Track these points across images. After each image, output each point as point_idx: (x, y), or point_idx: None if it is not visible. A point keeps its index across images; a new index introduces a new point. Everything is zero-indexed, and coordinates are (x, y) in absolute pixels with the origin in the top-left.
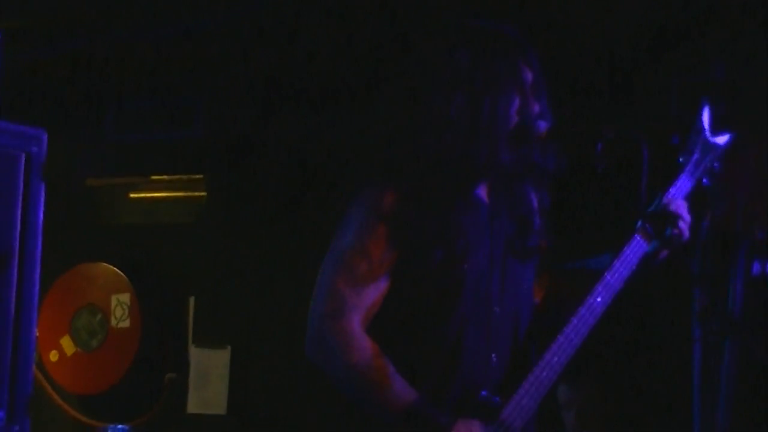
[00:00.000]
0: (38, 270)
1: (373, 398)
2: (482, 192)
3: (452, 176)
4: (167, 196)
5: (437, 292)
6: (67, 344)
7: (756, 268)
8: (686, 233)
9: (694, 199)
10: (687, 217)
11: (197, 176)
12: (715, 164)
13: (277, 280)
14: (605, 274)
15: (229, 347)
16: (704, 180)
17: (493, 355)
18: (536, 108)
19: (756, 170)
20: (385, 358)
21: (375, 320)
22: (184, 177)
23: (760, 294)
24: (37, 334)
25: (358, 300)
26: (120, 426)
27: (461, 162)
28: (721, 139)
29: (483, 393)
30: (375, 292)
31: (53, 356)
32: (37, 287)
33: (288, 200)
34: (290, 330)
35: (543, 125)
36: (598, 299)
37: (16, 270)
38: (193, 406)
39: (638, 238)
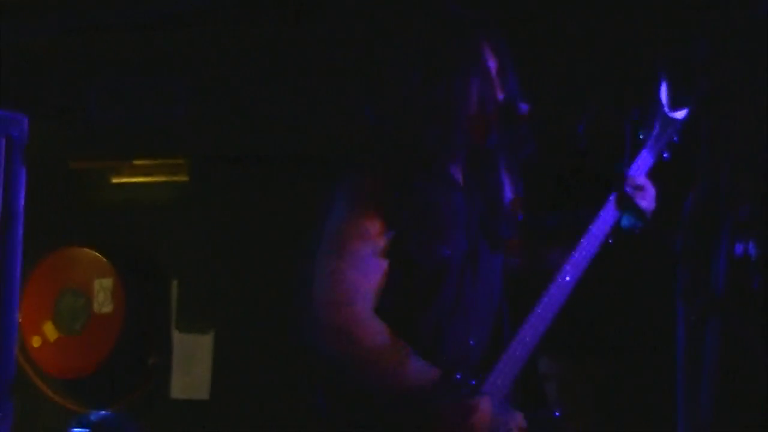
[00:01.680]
0: (20, 255)
1: (396, 378)
2: (456, 173)
3: (414, 158)
4: (150, 181)
5: (421, 277)
6: (49, 329)
7: (739, 247)
8: (652, 203)
9: (658, 172)
10: (650, 190)
11: (180, 160)
12: (675, 138)
13: (260, 265)
14: (573, 252)
15: (212, 332)
16: (665, 154)
17: (470, 338)
18: (500, 94)
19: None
20: (400, 340)
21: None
22: (167, 161)
23: (742, 273)
24: (20, 319)
25: (367, 282)
26: (103, 411)
27: (418, 143)
28: (680, 114)
29: (458, 376)
30: (381, 272)
31: (36, 341)
32: (19, 272)
33: (272, 184)
34: (274, 314)
35: (524, 107)
36: (567, 278)
37: None
38: (176, 391)
39: (602, 214)
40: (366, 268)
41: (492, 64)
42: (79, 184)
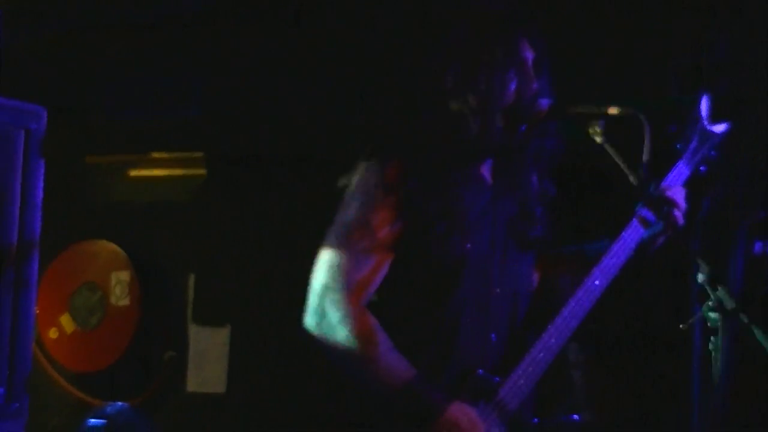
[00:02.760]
0: (37, 247)
1: (369, 373)
2: (486, 172)
3: (450, 151)
4: (167, 174)
5: (439, 270)
6: (66, 322)
7: (758, 247)
8: (681, 220)
9: (691, 185)
10: (683, 204)
11: (197, 154)
12: (713, 152)
13: (276, 259)
14: (603, 257)
15: (228, 325)
16: (701, 168)
17: (492, 335)
18: (536, 87)
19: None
20: (383, 333)
21: (378, 296)
22: (184, 155)
23: (760, 273)
24: (37, 312)
25: (358, 274)
26: (119, 403)
27: (457, 137)
28: (719, 128)
29: (480, 372)
30: (375, 268)
31: (52, 333)
32: (37, 265)
33: (288, 178)
34: (289, 308)
35: (544, 103)
36: (596, 282)
37: (15, 247)
38: (192, 385)
39: (636, 222)
40: (362, 261)
41: (529, 57)
42: (96, 178)
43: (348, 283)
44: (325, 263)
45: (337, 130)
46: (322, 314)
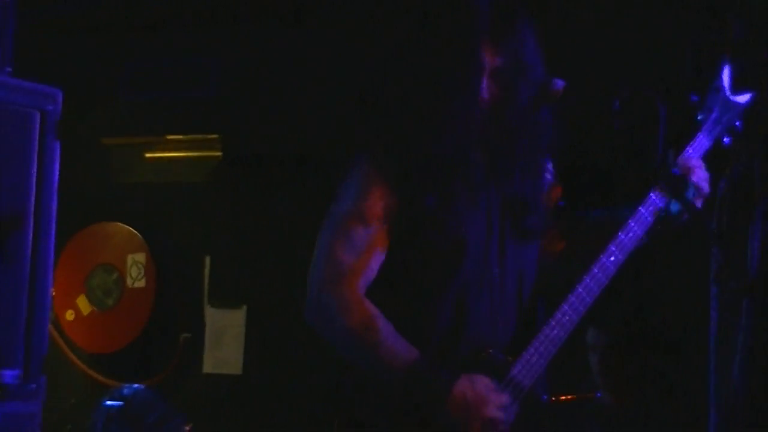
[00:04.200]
0: (54, 229)
1: (372, 359)
2: (480, 158)
3: (448, 137)
4: (183, 156)
5: (438, 256)
6: (83, 303)
7: None
8: (706, 188)
9: (713, 156)
10: (705, 174)
11: (213, 136)
12: (737, 123)
13: (292, 240)
14: (619, 232)
15: (244, 307)
16: (725, 139)
17: (499, 316)
18: (535, 70)
19: None
20: (384, 319)
21: (377, 285)
22: (200, 136)
23: None
24: (53, 293)
25: (356, 264)
26: (135, 385)
27: (455, 122)
28: (742, 98)
29: (490, 351)
30: (371, 254)
31: (69, 315)
32: (53, 246)
33: (303, 159)
34: (305, 289)
35: (559, 83)
36: (611, 258)
37: (31, 229)
38: (208, 366)
39: (653, 196)
40: (357, 248)
41: (524, 40)
42: (112, 159)
43: (345, 272)
44: (321, 254)
45: (352, 112)
46: (320, 306)
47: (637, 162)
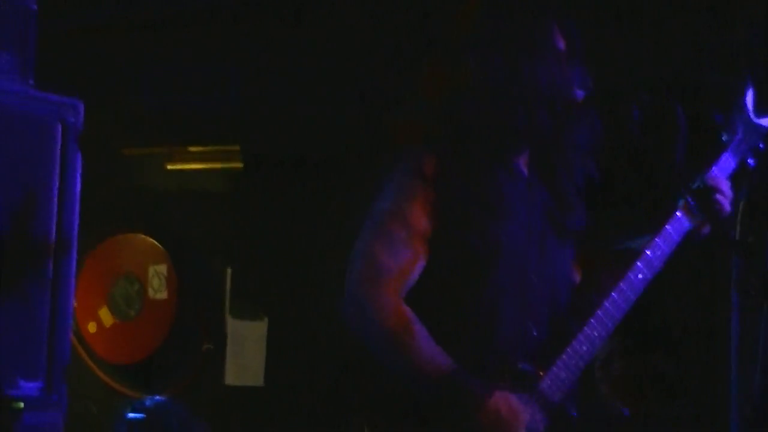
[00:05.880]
0: (75, 240)
1: (406, 364)
2: (522, 163)
3: (491, 141)
4: (204, 167)
5: (473, 260)
6: (105, 315)
7: None
8: (728, 208)
9: (736, 177)
10: (729, 193)
11: (234, 147)
12: (761, 144)
13: (314, 251)
14: (646, 250)
15: (266, 318)
16: (749, 161)
17: (531, 325)
18: (571, 76)
19: None
20: (419, 323)
21: (413, 287)
22: (221, 147)
23: None
24: (75, 304)
25: (395, 265)
26: (157, 397)
27: (500, 126)
28: (766, 121)
29: (521, 365)
30: (412, 258)
31: (91, 327)
32: (75, 258)
33: (325, 170)
34: (327, 301)
35: (580, 93)
36: (639, 276)
37: (53, 240)
38: (230, 378)
39: (679, 214)
40: (398, 251)
41: (562, 44)
42: (133, 170)
43: (385, 273)
44: (361, 253)
45: (377, 122)
46: (358, 305)
47: (656, 172)
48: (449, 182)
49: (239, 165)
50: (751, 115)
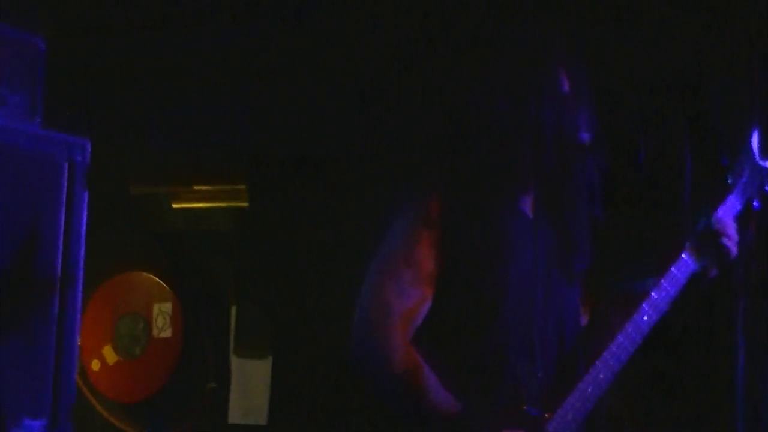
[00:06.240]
0: (81, 278)
1: (414, 408)
2: (526, 205)
3: (497, 182)
4: (209, 206)
5: (480, 303)
6: (108, 353)
7: None
8: (734, 251)
9: (742, 219)
10: (735, 236)
11: (240, 186)
12: (766, 187)
13: (318, 291)
14: (652, 292)
15: (270, 357)
16: (755, 203)
17: (539, 368)
18: (578, 118)
19: None
20: (427, 368)
21: (419, 329)
22: (227, 187)
23: None
24: (80, 342)
25: (402, 308)
26: None
27: (505, 168)
28: None
29: (527, 408)
30: (420, 300)
31: (95, 365)
32: (80, 296)
33: (329, 210)
34: (331, 340)
35: (585, 137)
36: (644, 318)
37: (59, 278)
38: (234, 416)
39: (685, 257)
40: (406, 293)
41: (567, 86)
42: (139, 209)
43: (393, 315)
44: (368, 296)
45: (379, 162)
46: (367, 348)
47: (662, 214)
48: (454, 224)
49: (245, 204)
50: (757, 157)
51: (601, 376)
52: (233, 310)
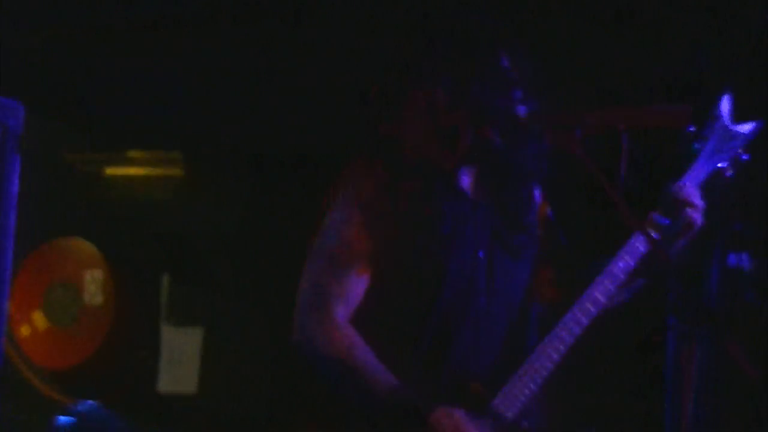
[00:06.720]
0: (12, 244)
1: (353, 387)
2: (465, 182)
3: (435, 163)
4: (143, 173)
5: (420, 282)
6: (39, 319)
7: (732, 259)
8: (699, 220)
9: (714, 186)
10: (699, 203)
11: (174, 153)
12: (742, 155)
13: (250, 260)
14: (607, 266)
15: (201, 326)
16: (728, 172)
17: (484, 346)
18: (517, 96)
19: None
20: (364, 346)
21: (360, 311)
22: (162, 154)
23: (734, 285)
24: (9, 309)
25: (340, 290)
26: (89, 401)
27: (445, 147)
28: (744, 128)
29: (472, 384)
30: (357, 282)
31: (25, 330)
32: (10, 261)
33: (265, 179)
34: (262, 310)
35: (522, 110)
36: (600, 289)
37: None
38: (163, 385)
39: (635, 238)
40: (342, 275)
41: (507, 64)
42: (73, 176)
43: (327, 297)
44: (306, 280)
45: (317, 129)
46: (305, 331)
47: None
48: (387, 205)
49: (179, 172)
50: (726, 121)
51: (550, 348)
52: (165, 279)
